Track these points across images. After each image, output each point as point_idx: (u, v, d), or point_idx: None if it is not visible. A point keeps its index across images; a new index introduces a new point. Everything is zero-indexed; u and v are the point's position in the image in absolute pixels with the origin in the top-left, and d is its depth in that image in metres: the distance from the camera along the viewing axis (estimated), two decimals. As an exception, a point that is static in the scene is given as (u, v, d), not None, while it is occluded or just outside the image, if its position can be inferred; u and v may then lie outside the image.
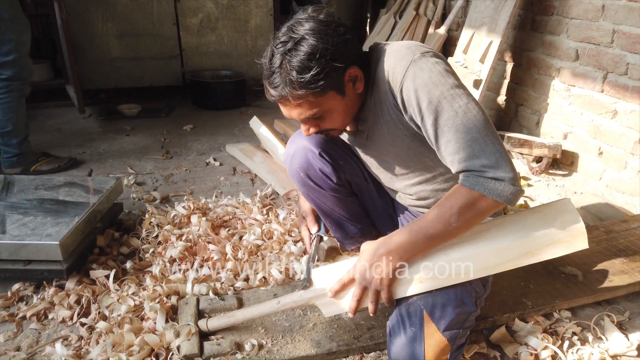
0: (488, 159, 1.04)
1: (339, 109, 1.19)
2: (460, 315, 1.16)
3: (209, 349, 1.30)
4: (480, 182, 1.05)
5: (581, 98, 2.45)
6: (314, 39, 1.08)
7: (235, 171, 2.63)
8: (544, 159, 2.51)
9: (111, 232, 1.86)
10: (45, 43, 3.98)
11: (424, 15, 3.65)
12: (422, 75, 1.08)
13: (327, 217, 1.59)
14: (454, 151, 1.08)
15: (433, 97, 1.07)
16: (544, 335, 1.39)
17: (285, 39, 1.11)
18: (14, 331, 1.43)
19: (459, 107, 1.07)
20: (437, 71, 1.09)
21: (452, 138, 1.07)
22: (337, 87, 1.14)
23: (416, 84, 1.09)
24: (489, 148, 1.05)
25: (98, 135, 3.14)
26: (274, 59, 1.12)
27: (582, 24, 2.40)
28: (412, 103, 1.11)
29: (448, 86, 1.08)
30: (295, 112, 1.17)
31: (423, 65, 1.09)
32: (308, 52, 1.08)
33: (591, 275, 1.62)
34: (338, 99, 1.16)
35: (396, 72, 1.12)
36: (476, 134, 1.05)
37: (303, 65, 1.08)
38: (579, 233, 1.18)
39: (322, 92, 1.12)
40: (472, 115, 1.06)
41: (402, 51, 1.13)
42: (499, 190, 1.04)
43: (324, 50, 1.08)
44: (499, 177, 1.04)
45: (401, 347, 1.17)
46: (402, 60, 1.12)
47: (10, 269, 1.57)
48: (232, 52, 4.07)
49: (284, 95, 1.12)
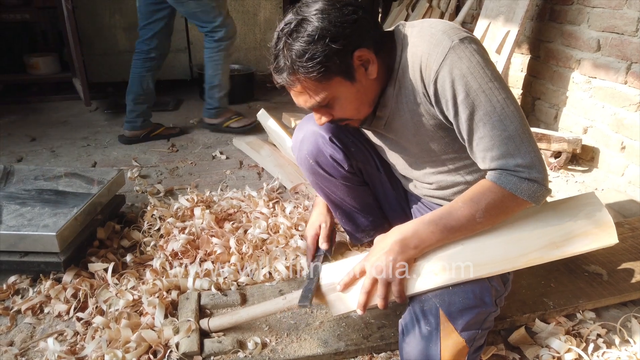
0: (523, 159, 1.01)
1: (349, 96, 1.10)
2: (479, 314, 1.08)
3: (209, 347, 1.23)
4: (513, 182, 1.02)
5: (603, 90, 2.34)
6: (317, 20, 1.01)
7: (241, 165, 2.56)
8: (563, 154, 2.41)
9: (112, 225, 1.80)
10: (52, 36, 3.95)
11: (437, 7, 3.56)
12: (461, 65, 1.00)
13: (338, 208, 1.51)
14: (487, 148, 1.03)
15: (471, 90, 1.00)
16: (567, 337, 1.30)
17: (288, 20, 1.04)
18: (7, 325, 1.37)
19: (497, 102, 1.00)
20: (476, 61, 1.01)
21: (488, 134, 1.02)
22: (344, 72, 1.06)
23: (453, 74, 1.01)
24: (525, 147, 1.01)
25: (103, 128, 3.10)
26: (278, 42, 1.06)
27: (604, 12, 2.29)
28: (446, 95, 1.03)
29: (487, 79, 1.00)
30: (301, 99, 1.10)
31: (462, 54, 1.00)
32: (307, 34, 1.01)
33: (616, 274, 1.53)
34: (347, 85, 1.08)
35: (431, 59, 1.03)
36: (513, 131, 1.01)
37: (302, 49, 1.01)
38: (607, 226, 1.10)
39: (324, 78, 1.04)
40: (509, 111, 1.01)
41: (437, 35, 1.04)
42: (532, 191, 1.02)
43: (324, 32, 1.00)
44: (533, 177, 1.01)
45: (415, 347, 1.08)
46: (438, 46, 1.02)
47: (6, 260, 1.51)
48: (240, 45, 4.01)
49: (287, 80, 1.06)
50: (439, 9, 3.56)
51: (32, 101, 3.56)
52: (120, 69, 3.72)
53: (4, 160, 2.52)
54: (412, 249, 1.07)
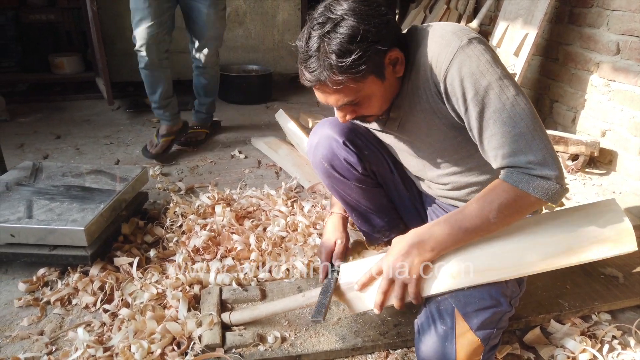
0: (535, 156, 1.00)
1: (378, 94, 1.12)
2: (494, 314, 1.10)
3: (231, 340, 1.27)
4: (525, 180, 1.01)
5: (622, 93, 2.34)
6: (354, 19, 1.01)
7: (260, 164, 2.61)
8: (581, 157, 2.41)
9: (136, 221, 1.85)
10: (76, 36, 4.04)
11: (455, 10, 3.57)
12: (470, 63, 1.02)
13: (353, 210, 1.54)
14: (498, 145, 1.03)
15: (480, 88, 1.02)
16: (582, 338, 1.32)
17: (322, 20, 1.04)
18: (37, 315, 1.43)
19: (507, 99, 1.01)
20: (486, 59, 1.02)
21: (498, 132, 1.02)
22: (378, 71, 1.08)
23: (462, 72, 1.02)
24: (536, 144, 1.01)
25: (125, 127, 3.17)
26: (310, 42, 1.05)
27: (624, 15, 2.28)
28: (456, 93, 1.05)
29: (497, 76, 1.02)
30: (333, 98, 1.11)
31: (471, 53, 1.03)
32: (348, 34, 1.01)
33: (633, 277, 1.54)
34: (378, 83, 1.10)
35: (441, 59, 1.05)
36: (524, 128, 1.01)
37: (343, 49, 1.01)
38: (627, 233, 1.11)
39: (362, 77, 1.06)
40: (520, 108, 1.01)
41: (447, 36, 1.06)
42: (544, 189, 1.00)
43: (366, 32, 1.01)
44: (546, 174, 1.00)
45: (431, 345, 1.11)
46: (447, 46, 1.05)
47: (36, 253, 1.57)
48: (259, 46, 4.07)
49: (322, 80, 1.06)
50: (457, 10, 3.57)
51: (56, 100, 3.65)
52: (142, 69, 3.80)
53: (30, 157, 2.60)
54: (428, 252, 1.09)
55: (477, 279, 1.10)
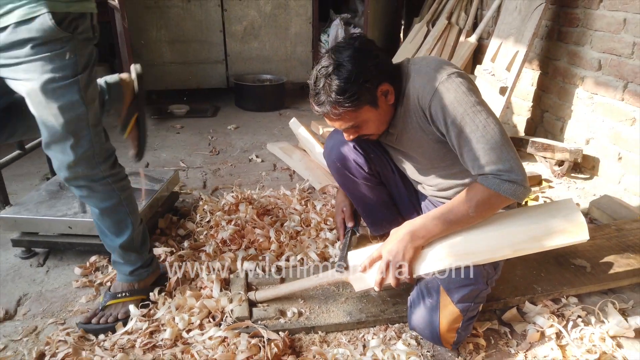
0: (504, 165, 1.27)
1: (374, 118, 1.41)
2: (472, 291, 1.37)
3: (257, 314, 1.54)
4: (496, 183, 1.28)
5: (603, 106, 2.58)
6: (351, 64, 1.30)
7: (275, 167, 2.88)
8: (566, 163, 2.66)
9: (170, 216, 2.13)
10: (104, 48, 4.35)
11: (456, 25, 3.82)
12: (448, 95, 1.29)
13: (359, 203, 1.81)
14: (474, 158, 1.30)
15: (457, 114, 1.28)
16: (550, 316, 1.56)
17: (326, 64, 1.33)
18: (93, 294, 1.71)
19: (479, 122, 1.28)
20: (462, 91, 1.29)
21: (473, 147, 1.29)
22: (371, 102, 1.36)
23: (442, 103, 1.29)
24: (504, 156, 1.27)
25: (151, 132, 3.45)
26: (318, 81, 1.35)
27: (605, 35, 2.53)
28: (439, 118, 1.32)
29: (470, 104, 1.28)
30: (337, 124, 1.42)
31: (449, 86, 1.29)
32: (345, 77, 1.30)
33: (599, 267, 1.78)
34: (372, 111, 1.38)
35: (425, 92, 1.32)
36: (494, 144, 1.27)
37: (340, 88, 1.30)
38: (580, 224, 1.37)
39: (358, 108, 1.35)
40: (490, 128, 1.28)
41: (430, 73, 1.33)
42: (511, 190, 1.27)
43: (358, 74, 1.30)
44: (513, 179, 1.27)
45: (420, 316, 1.39)
46: (430, 82, 1.32)
47: (89, 243, 1.84)
48: (272, 57, 4.35)
49: (327, 111, 1.36)
50: (457, 25, 3.82)
51: (86, 107, 3.95)
52: (164, 78, 4.11)
53: (69, 160, 2.88)
54: (420, 238, 1.37)
55: (458, 261, 1.36)
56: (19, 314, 1.61)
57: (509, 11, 3.04)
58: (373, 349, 1.42)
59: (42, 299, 1.68)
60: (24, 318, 1.59)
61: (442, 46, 3.79)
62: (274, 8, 4.17)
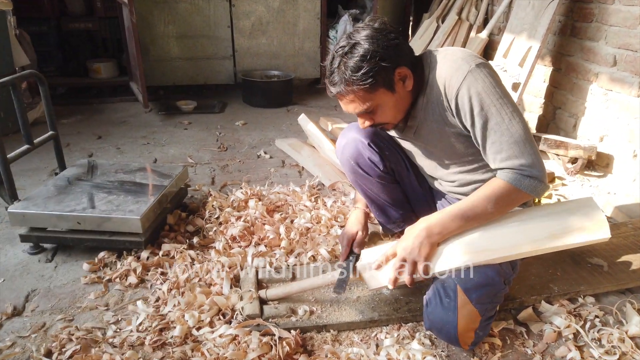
0: (526, 160, 1.25)
1: (390, 104, 1.36)
2: (490, 291, 1.33)
3: (268, 311, 1.51)
4: (518, 179, 1.26)
5: (618, 103, 2.54)
6: (368, 43, 1.27)
7: (284, 164, 2.85)
8: (579, 160, 2.61)
9: (179, 212, 2.11)
10: (112, 43, 4.34)
11: (466, 20, 3.78)
12: (477, 85, 1.26)
13: (373, 202, 1.78)
14: (497, 150, 1.28)
15: (484, 105, 1.26)
16: (567, 316, 1.53)
17: (344, 44, 1.30)
18: (102, 290, 1.69)
19: (505, 114, 1.25)
20: (489, 82, 1.26)
21: (497, 140, 1.26)
22: (387, 85, 1.32)
23: (470, 92, 1.26)
24: (527, 150, 1.25)
25: (159, 128, 3.44)
26: (334, 61, 1.32)
27: (620, 31, 2.49)
28: (465, 108, 1.29)
29: (497, 96, 1.26)
30: (351, 107, 1.37)
31: (477, 76, 1.26)
32: (361, 54, 1.26)
33: (616, 266, 1.74)
34: (388, 95, 1.34)
35: (453, 80, 1.29)
36: (518, 138, 1.25)
37: (356, 66, 1.27)
38: (601, 222, 1.33)
39: (372, 89, 1.30)
40: (515, 122, 1.26)
41: (458, 62, 1.30)
42: (532, 186, 1.26)
43: (374, 53, 1.26)
44: (534, 175, 1.25)
45: (437, 316, 1.35)
46: (458, 70, 1.28)
47: (98, 239, 1.83)
48: (280, 53, 4.32)
49: (340, 91, 1.32)
50: (468, 21, 3.77)
51: (93, 102, 3.95)
52: (172, 74, 4.09)
53: (77, 155, 2.88)
54: (436, 235, 1.33)
55: (475, 258, 1.33)
56: (27, 310, 1.59)
57: (521, 6, 3.00)
58: (387, 348, 1.39)
59: (50, 295, 1.67)
60: (32, 314, 1.57)
61: (452, 42, 3.74)
62: (282, 3, 4.14)
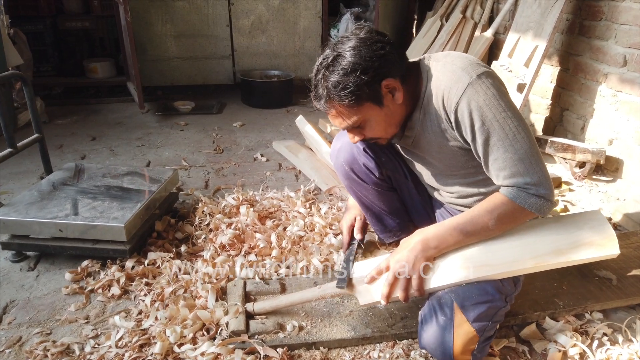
0: (532, 178, 1.17)
1: (378, 118, 1.27)
2: (489, 309, 1.24)
3: (254, 327, 1.43)
4: (522, 197, 1.17)
5: (628, 104, 2.43)
6: (350, 55, 1.18)
7: (280, 167, 2.77)
8: (587, 165, 2.51)
9: (167, 219, 2.03)
10: (109, 42, 4.27)
11: (471, 19, 3.67)
12: (477, 98, 1.16)
13: (368, 210, 1.69)
14: (500, 167, 1.19)
15: (486, 119, 1.16)
16: (573, 334, 1.44)
17: (326, 55, 1.22)
18: (83, 302, 1.61)
19: (509, 129, 1.16)
20: (492, 94, 1.17)
21: (501, 157, 1.18)
22: (374, 98, 1.23)
23: (471, 106, 1.17)
24: (533, 168, 1.17)
25: (155, 129, 3.37)
26: (317, 74, 1.24)
27: (631, 29, 2.38)
28: (465, 123, 1.19)
29: (500, 109, 1.16)
30: (337, 121, 1.29)
31: (478, 88, 1.17)
32: (342, 68, 1.18)
33: (626, 279, 1.64)
34: (376, 109, 1.25)
35: (452, 93, 1.20)
36: (523, 154, 1.16)
37: (337, 81, 1.19)
38: (609, 237, 1.24)
39: (356, 104, 1.22)
40: (520, 137, 1.16)
41: (457, 72, 1.20)
42: (538, 205, 1.18)
43: (356, 65, 1.17)
44: (540, 194, 1.17)
45: (432, 334, 1.26)
46: (458, 82, 1.19)
47: (81, 247, 1.75)
48: (280, 52, 4.24)
49: (324, 106, 1.25)
50: (472, 19, 3.67)
51: (90, 102, 3.88)
52: (170, 74, 4.02)
53: (69, 157, 2.81)
54: (432, 249, 1.24)
55: (474, 274, 1.24)
56: (4, 323, 1.52)
57: (527, 4, 2.89)
58: (379, 369, 1.30)
59: (29, 306, 1.59)
60: (9, 327, 1.50)
61: (456, 41, 3.64)
62: (282, 2, 4.06)
